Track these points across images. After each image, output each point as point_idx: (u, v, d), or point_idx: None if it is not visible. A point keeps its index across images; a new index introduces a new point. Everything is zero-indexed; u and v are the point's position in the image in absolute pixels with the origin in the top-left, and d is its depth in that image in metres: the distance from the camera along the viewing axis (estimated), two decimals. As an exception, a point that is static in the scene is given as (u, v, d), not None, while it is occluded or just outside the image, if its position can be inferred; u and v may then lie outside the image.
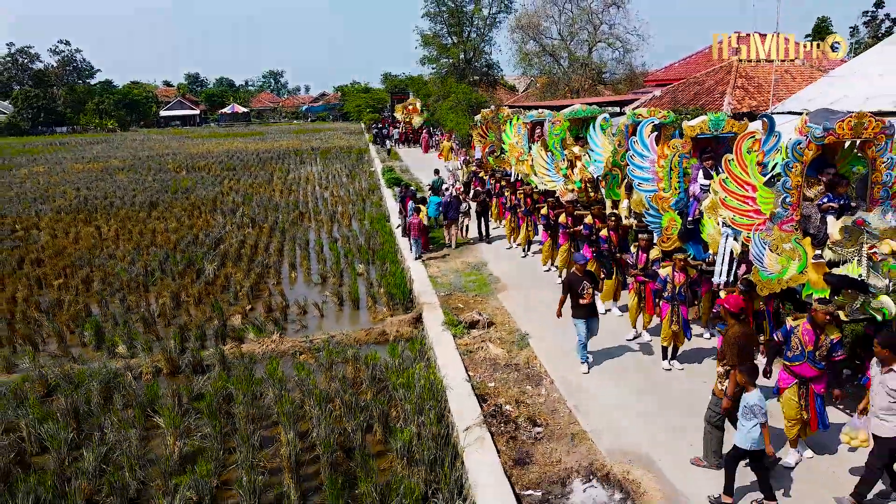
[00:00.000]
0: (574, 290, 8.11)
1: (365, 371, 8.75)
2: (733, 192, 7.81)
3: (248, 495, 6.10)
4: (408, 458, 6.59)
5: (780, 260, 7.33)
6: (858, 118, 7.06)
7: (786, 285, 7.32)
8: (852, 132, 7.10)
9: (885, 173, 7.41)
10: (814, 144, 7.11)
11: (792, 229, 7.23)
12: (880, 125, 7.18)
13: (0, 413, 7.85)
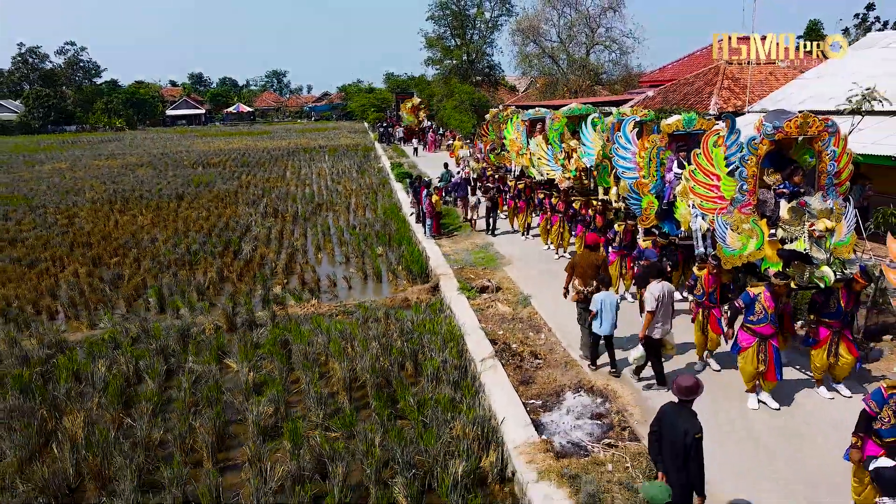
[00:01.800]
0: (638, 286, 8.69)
1: (394, 325, 10.57)
2: (700, 181, 9.41)
3: (315, 404, 7.91)
4: (435, 381, 8.40)
5: (741, 238, 8.83)
6: (804, 118, 8.60)
7: (746, 260, 8.84)
8: (798, 130, 8.59)
9: (829, 164, 8.88)
10: (767, 140, 8.78)
11: (750, 212, 8.78)
12: (823, 124, 8.74)
13: (104, 353, 9.65)
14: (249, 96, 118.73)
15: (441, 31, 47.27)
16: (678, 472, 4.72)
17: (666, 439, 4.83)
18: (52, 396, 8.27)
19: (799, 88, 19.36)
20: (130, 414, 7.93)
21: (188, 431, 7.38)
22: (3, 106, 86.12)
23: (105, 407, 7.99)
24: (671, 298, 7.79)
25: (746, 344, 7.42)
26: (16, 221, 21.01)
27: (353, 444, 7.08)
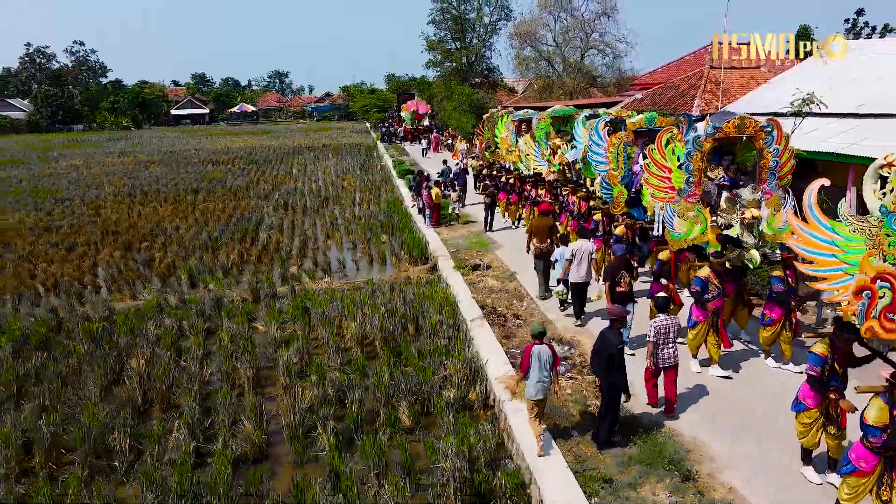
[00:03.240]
0: (613, 279, 8.87)
1: (398, 295, 12.27)
2: (654, 173, 10.96)
3: (334, 353, 9.60)
4: (432, 336, 10.10)
5: (686, 224, 10.37)
6: (740, 120, 10.14)
7: (691, 243, 10.39)
8: (736, 130, 10.18)
9: (770, 160, 10.49)
10: (709, 139, 10.39)
11: (695, 201, 10.25)
12: (758, 125, 10.35)
13: (151, 316, 11.37)
14: (252, 96, 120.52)
15: (442, 35, 49.11)
16: (607, 375, 6.45)
17: (601, 353, 6.54)
18: (116, 345, 9.99)
19: (770, 91, 21.05)
20: (182, 359, 9.63)
21: (231, 370, 9.08)
22: (12, 105, 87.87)
23: (160, 354, 9.69)
24: (588, 255, 10.16)
25: (702, 318, 8.45)
26: (47, 212, 22.73)
27: (365, 381, 8.77)
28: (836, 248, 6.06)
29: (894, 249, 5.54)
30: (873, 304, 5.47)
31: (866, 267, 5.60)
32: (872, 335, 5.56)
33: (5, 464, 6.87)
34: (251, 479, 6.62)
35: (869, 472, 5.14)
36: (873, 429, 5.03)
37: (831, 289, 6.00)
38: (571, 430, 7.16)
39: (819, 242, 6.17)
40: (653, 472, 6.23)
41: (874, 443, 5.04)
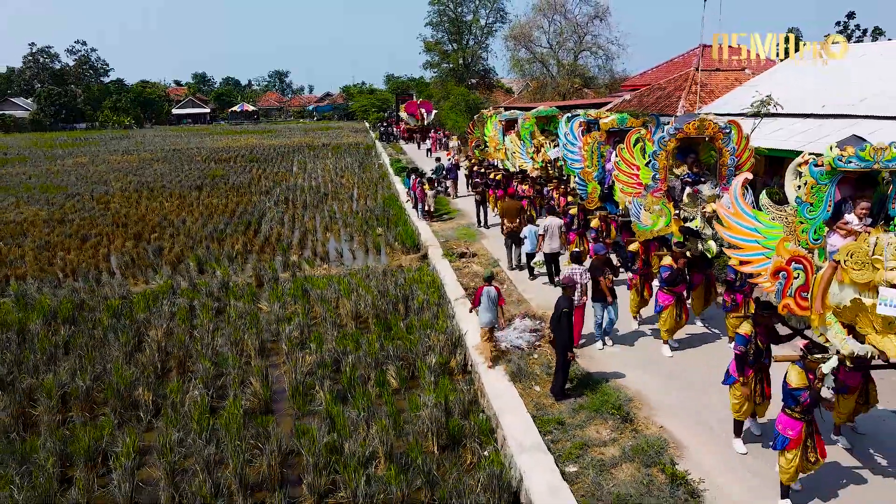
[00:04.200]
0: (594, 278, 9.16)
1: (391, 279, 13.40)
2: (623, 170, 12.03)
3: (331, 328, 10.72)
4: (419, 312, 11.23)
5: (652, 217, 11.43)
6: (700, 121, 11.21)
7: (657, 234, 11.43)
8: (697, 131, 11.25)
9: (729, 158, 11.57)
10: (672, 138, 11.45)
11: (660, 196, 11.29)
12: (717, 126, 11.39)
13: (165, 296, 12.49)
14: (252, 96, 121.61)
15: (439, 37, 50.27)
16: (557, 333, 7.61)
17: (554, 314, 7.69)
18: (135, 320, 11.12)
19: (745, 92, 22.18)
20: (195, 331, 10.74)
21: (239, 341, 10.20)
22: (16, 104, 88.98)
23: (175, 327, 10.81)
24: (558, 228, 11.68)
25: (668, 302, 9.15)
26: (59, 206, 23.85)
27: (358, 350, 9.88)
28: (758, 235, 7.04)
29: (806, 235, 6.43)
30: (789, 283, 6.29)
31: (782, 251, 6.43)
32: (789, 312, 6.42)
33: (47, 413, 7.99)
34: (259, 424, 7.74)
35: (797, 439, 5.65)
36: (797, 390, 5.63)
37: (755, 271, 6.90)
38: (535, 386, 8.28)
39: (743, 230, 7.17)
40: (599, 416, 7.35)
41: (803, 401, 5.59)
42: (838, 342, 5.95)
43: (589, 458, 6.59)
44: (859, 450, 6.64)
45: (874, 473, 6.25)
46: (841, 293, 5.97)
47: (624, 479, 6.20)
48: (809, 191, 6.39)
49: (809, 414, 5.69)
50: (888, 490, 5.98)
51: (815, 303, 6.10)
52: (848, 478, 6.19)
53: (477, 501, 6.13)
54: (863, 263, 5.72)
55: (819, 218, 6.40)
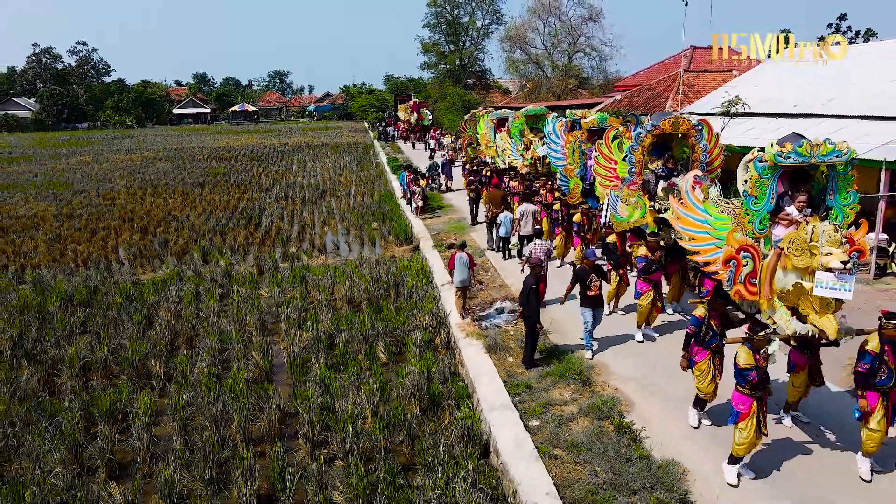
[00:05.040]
0: (582, 282, 9.08)
1: (383, 268, 14.30)
2: (602, 165, 12.90)
3: (326, 310, 11.62)
4: (408, 296, 12.13)
5: (629, 209, 12.24)
6: (675, 119, 12.07)
7: (632, 225, 12.30)
8: (671, 127, 12.14)
9: (701, 155, 12.42)
10: (648, 135, 12.29)
11: (636, 189, 12.18)
12: (690, 123, 12.23)
13: (172, 283, 13.40)
14: (253, 96, 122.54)
15: (436, 38, 51.23)
16: (526, 308, 8.51)
17: (523, 290, 8.59)
18: (146, 302, 12.03)
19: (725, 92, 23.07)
20: (200, 312, 11.65)
21: (242, 320, 11.11)
22: (19, 104, 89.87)
23: (182, 309, 11.72)
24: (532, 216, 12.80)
25: (645, 289, 10.12)
26: (67, 202, 24.76)
27: (351, 329, 10.78)
28: (708, 227, 7.78)
29: (752, 226, 7.04)
30: (738, 271, 6.81)
31: (732, 241, 6.96)
32: (740, 297, 6.95)
33: (71, 380, 8.89)
34: (260, 388, 8.64)
35: (748, 413, 6.09)
36: (746, 370, 6.07)
37: (707, 260, 7.50)
38: (508, 357, 9.19)
39: (695, 222, 7.94)
40: (562, 381, 8.26)
41: (751, 379, 6.04)
42: (784, 324, 6.52)
43: (550, 414, 7.50)
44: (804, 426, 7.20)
45: (822, 447, 6.78)
46: (785, 278, 6.48)
47: (578, 430, 7.10)
48: (754, 184, 6.98)
49: (758, 390, 6.13)
50: (829, 460, 6.54)
51: (763, 288, 6.64)
52: (794, 450, 6.73)
53: (451, 451, 7.02)
54: (802, 250, 6.20)
55: (763, 209, 6.99)
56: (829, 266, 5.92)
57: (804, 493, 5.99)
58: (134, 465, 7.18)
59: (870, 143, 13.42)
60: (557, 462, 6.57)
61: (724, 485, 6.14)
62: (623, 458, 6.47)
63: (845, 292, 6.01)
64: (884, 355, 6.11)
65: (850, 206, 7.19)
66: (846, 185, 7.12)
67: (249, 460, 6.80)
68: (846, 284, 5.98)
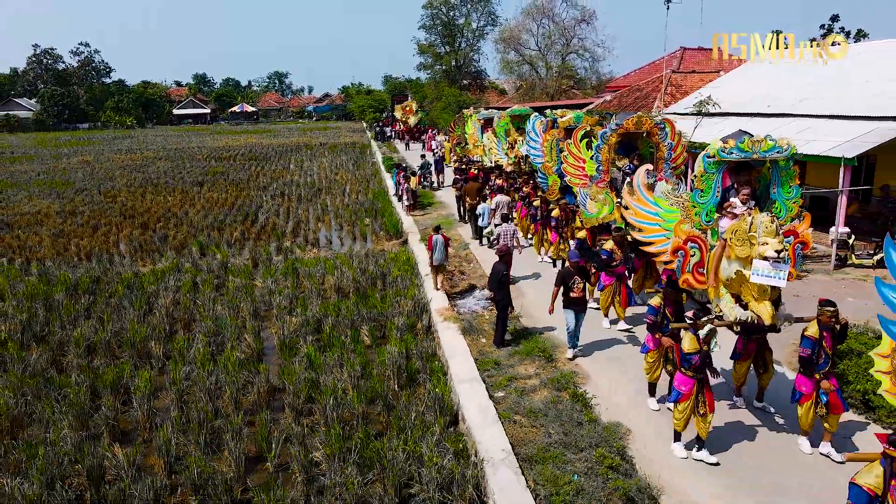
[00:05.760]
0: (566, 284, 9.06)
1: (371, 260, 15.03)
2: (570, 163, 13.53)
3: (315, 297, 12.35)
4: (394, 286, 12.86)
5: (597, 205, 12.97)
6: (638, 118, 12.79)
7: (601, 221, 12.92)
8: (635, 126, 12.83)
9: (666, 153, 13.08)
10: (614, 134, 12.96)
11: (604, 186, 12.83)
12: (653, 122, 12.95)
13: (170, 273, 14.14)
14: (252, 97, 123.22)
15: (432, 39, 51.97)
16: (499, 291, 9.24)
17: (493, 277, 9.34)
18: (146, 291, 12.77)
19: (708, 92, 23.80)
20: (197, 301, 12.38)
21: (236, 307, 11.84)
22: (20, 104, 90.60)
23: (180, 297, 12.45)
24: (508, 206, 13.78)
25: (608, 282, 10.44)
26: (69, 199, 25.50)
27: (338, 315, 11.51)
28: (659, 219, 8.40)
29: (699, 218, 7.57)
30: (687, 261, 7.31)
31: (679, 232, 7.46)
32: (689, 286, 7.45)
33: (76, 358, 9.63)
34: (251, 366, 9.37)
35: (688, 394, 6.50)
36: (690, 355, 6.48)
37: (658, 251, 8.09)
38: (481, 338, 9.93)
39: (646, 214, 8.58)
40: (528, 359, 9.00)
41: (694, 362, 6.45)
42: (727, 310, 6.97)
43: (514, 386, 8.24)
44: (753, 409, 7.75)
45: (768, 429, 7.28)
46: (729, 267, 6.95)
47: (538, 399, 7.84)
48: (700, 179, 7.60)
49: (701, 373, 6.55)
50: (775, 439, 7.06)
51: (710, 277, 7.11)
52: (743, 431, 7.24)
53: (423, 418, 7.75)
54: (743, 240, 6.65)
55: (709, 202, 7.50)
56: (764, 255, 6.34)
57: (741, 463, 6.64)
58: (135, 432, 7.91)
59: (834, 140, 14.16)
60: (516, 426, 7.30)
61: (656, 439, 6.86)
62: (575, 421, 7.20)
63: (779, 280, 6.46)
64: (822, 341, 6.52)
65: (793, 200, 7.73)
66: (789, 180, 7.66)
67: (239, 424, 7.52)
68: (780, 273, 6.44)
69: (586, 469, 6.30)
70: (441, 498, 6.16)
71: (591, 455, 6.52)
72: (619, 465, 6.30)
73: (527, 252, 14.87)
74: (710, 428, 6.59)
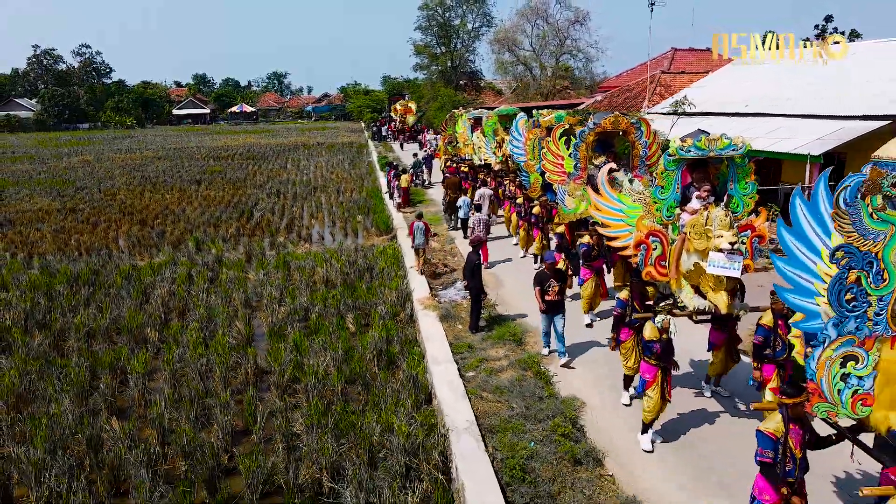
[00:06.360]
0: (542, 286, 8.97)
1: (360, 254, 15.64)
2: (550, 160, 14.08)
3: (304, 288, 12.96)
4: (380, 277, 13.47)
5: (575, 201, 13.48)
6: (615, 118, 13.35)
7: (578, 217, 13.47)
8: (612, 125, 13.39)
9: (641, 150, 13.61)
10: (591, 133, 13.52)
11: (581, 183, 13.42)
12: (629, 122, 13.46)
13: (166, 266, 14.75)
14: (252, 97, 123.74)
15: (428, 40, 52.57)
16: (471, 281, 9.85)
17: (467, 266, 9.95)
18: (142, 282, 13.38)
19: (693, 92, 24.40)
20: (192, 291, 12.99)
21: (229, 297, 12.45)
22: (20, 104, 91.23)
23: (175, 288, 13.06)
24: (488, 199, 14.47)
25: (587, 276, 10.78)
26: (70, 197, 26.12)
27: (325, 304, 12.11)
28: (622, 215, 8.88)
29: (660, 213, 7.93)
30: (649, 254, 7.65)
31: (641, 226, 7.84)
32: (651, 278, 7.77)
33: (77, 343, 10.24)
34: (241, 349, 9.98)
35: (653, 381, 6.77)
36: (650, 342, 6.80)
37: (622, 245, 8.69)
38: (458, 324, 10.53)
39: (611, 210, 9.08)
40: (500, 342, 9.61)
41: (656, 350, 6.77)
42: (688, 300, 7.34)
43: (484, 367, 8.84)
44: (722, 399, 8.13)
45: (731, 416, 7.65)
46: (688, 260, 7.31)
47: (505, 378, 8.45)
48: (661, 176, 8.08)
49: (663, 361, 6.84)
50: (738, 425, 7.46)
51: (671, 269, 7.49)
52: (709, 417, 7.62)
53: (398, 395, 8.35)
54: (700, 234, 7.07)
55: (670, 198, 7.88)
56: (719, 247, 6.74)
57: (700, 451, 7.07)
58: (131, 409, 8.52)
59: (804, 139, 14.77)
60: (483, 401, 7.91)
61: (605, 409, 7.47)
62: (536, 396, 7.81)
63: (734, 271, 6.89)
64: (777, 329, 6.80)
65: (749, 196, 8.16)
66: (745, 176, 8.12)
67: (227, 401, 8.13)
68: (734, 264, 6.86)
69: (542, 437, 6.91)
70: (408, 462, 6.77)
71: (547, 425, 7.12)
72: (571, 433, 6.91)
73: (510, 245, 15.49)
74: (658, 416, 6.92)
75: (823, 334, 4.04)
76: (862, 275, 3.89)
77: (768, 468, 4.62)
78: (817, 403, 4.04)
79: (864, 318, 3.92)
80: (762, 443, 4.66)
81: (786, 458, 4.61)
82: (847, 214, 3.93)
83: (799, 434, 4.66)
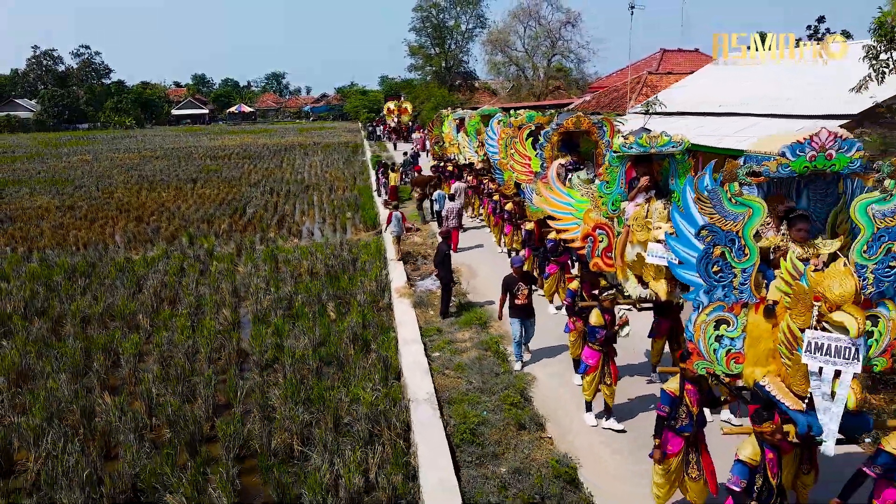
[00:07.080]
0: (510, 291, 8.95)
1: (345, 248, 16.35)
2: (517, 160, 14.68)
3: (289, 279, 13.68)
4: (363, 270, 14.19)
5: (542, 200, 14.25)
6: (577, 118, 13.88)
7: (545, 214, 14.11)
8: (574, 125, 13.99)
9: (604, 149, 14.20)
10: (555, 132, 14.12)
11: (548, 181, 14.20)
12: (591, 122, 14.07)
13: (159, 259, 15.47)
14: (250, 97, 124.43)
15: (422, 41, 53.32)
16: (441, 270, 10.56)
17: (437, 255, 10.66)
18: (136, 273, 14.10)
19: (676, 92, 25.10)
20: (183, 282, 13.70)
21: (218, 288, 13.16)
22: (20, 105, 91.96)
23: (167, 279, 13.78)
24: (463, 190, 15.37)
25: (552, 271, 11.81)
26: (69, 195, 26.84)
27: (307, 293, 12.81)
28: (571, 208, 9.51)
29: (606, 207, 8.39)
30: (595, 246, 8.12)
31: (588, 219, 8.36)
32: (598, 269, 8.22)
33: (73, 327, 10.96)
34: (226, 332, 10.69)
35: (595, 366, 7.16)
36: (595, 328, 7.21)
37: (571, 237, 9.37)
38: (430, 311, 11.25)
39: (560, 204, 9.70)
40: (467, 327, 10.33)
41: (599, 337, 7.19)
42: (631, 290, 7.77)
43: (450, 348, 9.57)
44: None
45: None
46: (632, 251, 7.70)
47: (467, 357, 9.17)
48: (605, 171, 8.78)
49: (606, 347, 7.31)
50: None
51: (617, 260, 7.91)
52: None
53: (368, 373, 9.06)
54: (642, 225, 7.47)
55: (614, 192, 8.33)
56: (658, 238, 7.05)
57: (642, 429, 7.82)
58: (122, 387, 9.23)
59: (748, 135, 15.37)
60: (445, 377, 8.63)
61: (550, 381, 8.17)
62: (493, 373, 8.53)
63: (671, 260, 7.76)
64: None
65: None
66: (685, 172, 8.90)
67: (211, 377, 8.84)
68: (672, 253, 7.74)
69: (494, 407, 7.63)
70: (371, 429, 7.48)
71: (500, 397, 7.84)
72: (519, 402, 7.63)
73: (486, 237, 16.15)
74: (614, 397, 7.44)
75: (697, 300, 4.74)
76: (726, 250, 4.59)
77: (660, 420, 5.35)
78: (697, 361, 4.73)
79: (731, 287, 4.62)
80: (662, 399, 5.38)
81: (682, 414, 5.34)
82: (708, 199, 4.64)
83: (695, 393, 5.38)
